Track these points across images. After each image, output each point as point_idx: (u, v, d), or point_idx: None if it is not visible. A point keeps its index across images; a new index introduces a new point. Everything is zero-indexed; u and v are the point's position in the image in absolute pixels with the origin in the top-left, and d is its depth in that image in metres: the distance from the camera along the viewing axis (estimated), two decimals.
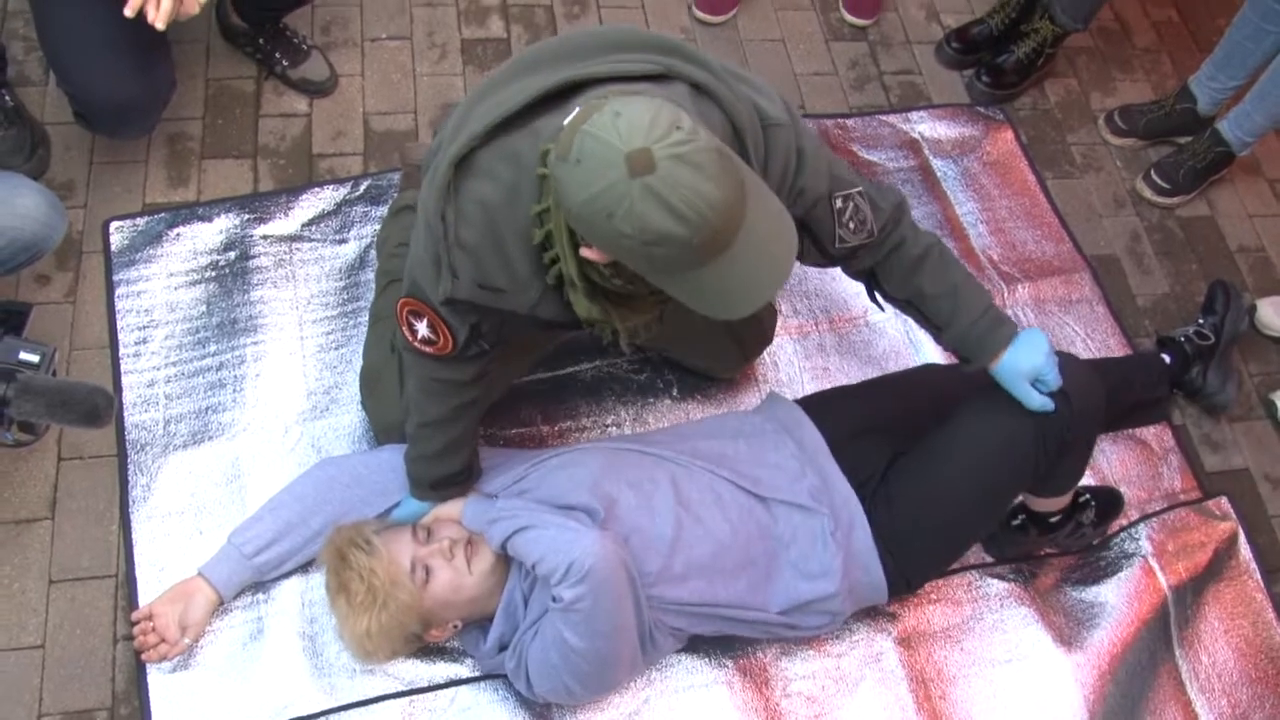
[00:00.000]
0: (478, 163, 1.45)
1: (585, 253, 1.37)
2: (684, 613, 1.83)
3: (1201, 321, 2.44)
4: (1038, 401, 1.77)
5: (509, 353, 1.82)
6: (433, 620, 1.80)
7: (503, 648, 1.82)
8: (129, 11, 1.82)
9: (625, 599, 1.71)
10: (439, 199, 1.46)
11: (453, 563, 1.78)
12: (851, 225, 1.67)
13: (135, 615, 1.86)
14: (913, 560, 1.91)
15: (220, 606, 1.90)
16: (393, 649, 1.80)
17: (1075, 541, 2.15)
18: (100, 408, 1.55)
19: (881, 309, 1.87)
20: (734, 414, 2.10)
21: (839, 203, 1.65)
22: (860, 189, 1.67)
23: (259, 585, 1.94)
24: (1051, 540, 2.12)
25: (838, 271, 1.81)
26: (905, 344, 2.38)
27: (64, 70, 2.13)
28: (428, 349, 1.65)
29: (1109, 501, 2.19)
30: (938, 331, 1.81)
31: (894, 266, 1.76)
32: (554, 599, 1.66)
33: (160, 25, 1.84)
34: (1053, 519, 2.06)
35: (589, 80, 1.43)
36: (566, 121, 1.28)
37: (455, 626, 1.84)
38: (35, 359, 1.56)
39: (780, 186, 1.55)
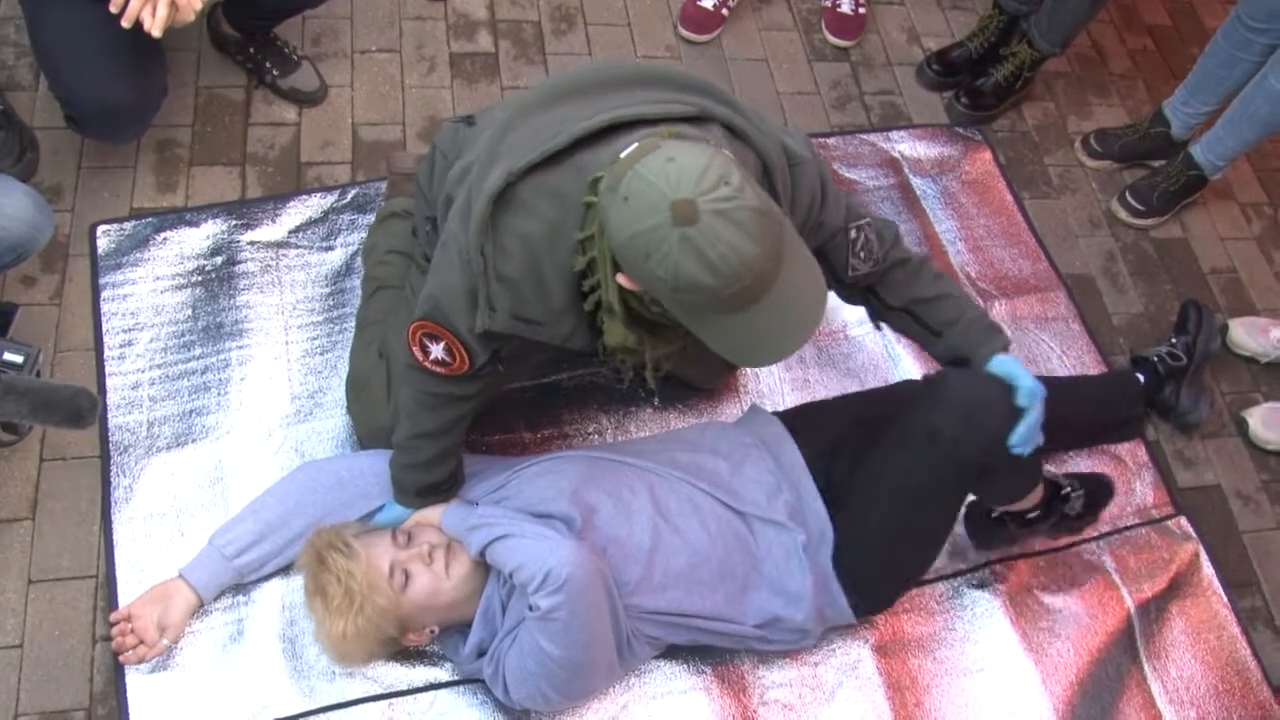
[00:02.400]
0: (518, 197, 1.46)
1: (620, 279, 1.40)
2: (661, 622, 1.84)
3: (1174, 341, 2.48)
4: (1032, 383, 1.74)
5: (516, 371, 1.82)
6: (410, 625, 1.81)
7: (481, 654, 1.83)
8: (126, 23, 1.83)
9: (602, 608, 1.72)
10: (479, 233, 1.47)
11: (431, 567, 1.79)
12: (863, 255, 1.74)
13: (114, 616, 1.85)
14: (864, 581, 1.91)
15: (200, 609, 1.90)
16: (369, 652, 1.81)
17: (1063, 532, 2.17)
18: (84, 409, 1.54)
19: (879, 329, 1.90)
20: (715, 425, 2.12)
21: (853, 234, 1.72)
22: (868, 220, 1.74)
23: (239, 587, 1.94)
24: (1034, 532, 2.12)
25: None
26: (884, 358, 2.40)
27: (55, 73, 2.14)
28: (439, 369, 1.66)
29: (1098, 489, 2.19)
30: (935, 337, 1.82)
31: (892, 280, 1.81)
32: (531, 607, 1.68)
33: (156, 33, 1.85)
34: (1029, 515, 2.06)
35: (633, 121, 1.46)
36: (624, 154, 1.32)
37: (432, 632, 1.85)
38: (19, 360, 1.56)
39: (805, 221, 1.62)
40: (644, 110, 1.46)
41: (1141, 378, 2.44)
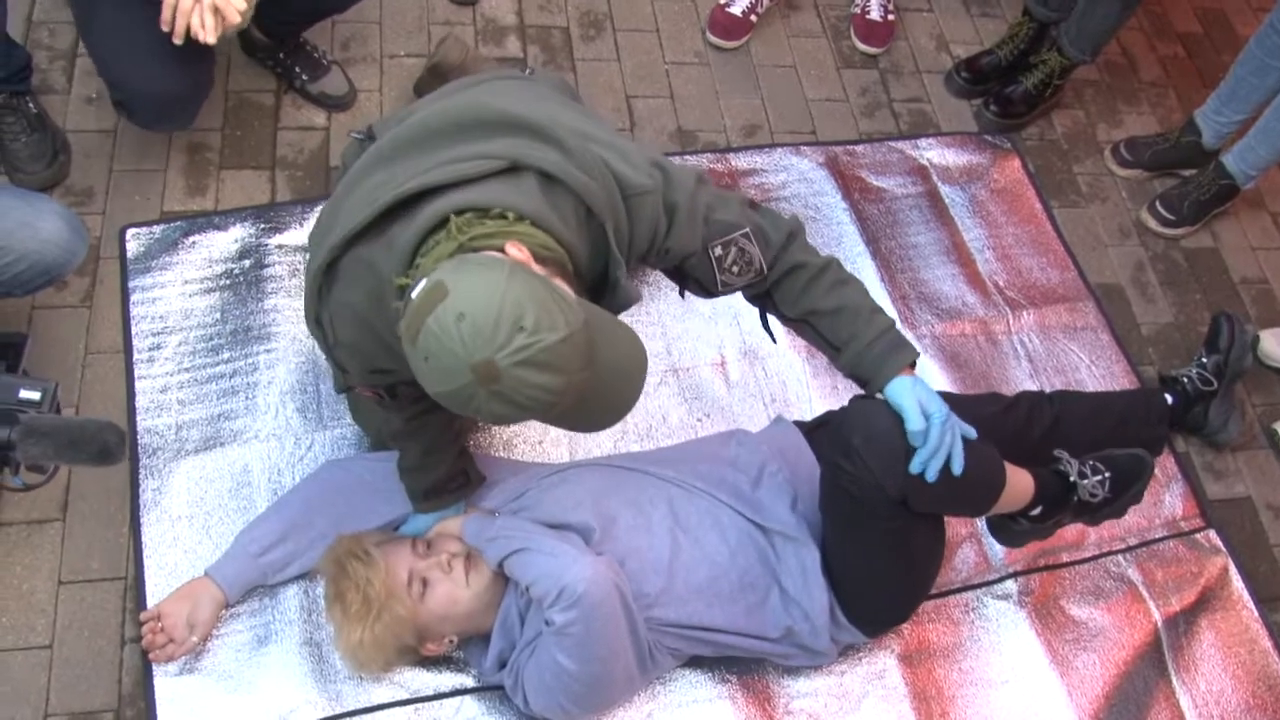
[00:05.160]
0: (340, 271, 1.48)
1: None
2: (682, 636, 1.84)
3: (1205, 361, 2.42)
4: (917, 423, 1.64)
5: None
6: (428, 634, 1.81)
7: (502, 664, 1.84)
8: (177, 39, 1.88)
9: (618, 623, 1.72)
10: (312, 304, 1.52)
11: (450, 576, 1.79)
12: (735, 269, 1.66)
13: (144, 616, 1.87)
14: (858, 606, 1.90)
15: (226, 607, 1.91)
16: (386, 660, 1.81)
17: (1098, 518, 2.00)
18: (111, 445, 1.46)
19: (774, 340, 1.86)
20: (738, 434, 2.11)
21: (718, 250, 1.64)
22: (746, 230, 1.64)
23: (265, 592, 1.95)
24: (1060, 524, 1.98)
25: None
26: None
27: (106, 65, 2.18)
28: (367, 393, 1.70)
29: (1127, 469, 2.00)
30: (835, 352, 1.74)
31: (786, 289, 1.72)
32: (547, 622, 1.68)
33: (211, 40, 1.88)
34: (1032, 513, 1.92)
35: (435, 188, 1.41)
36: (414, 294, 1.26)
37: (451, 641, 1.85)
38: (37, 396, 1.46)
39: (650, 249, 1.57)
40: (450, 174, 1.41)
41: (1170, 399, 2.40)
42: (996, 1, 3.19)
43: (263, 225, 2.37)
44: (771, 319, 1.81)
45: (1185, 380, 2.41)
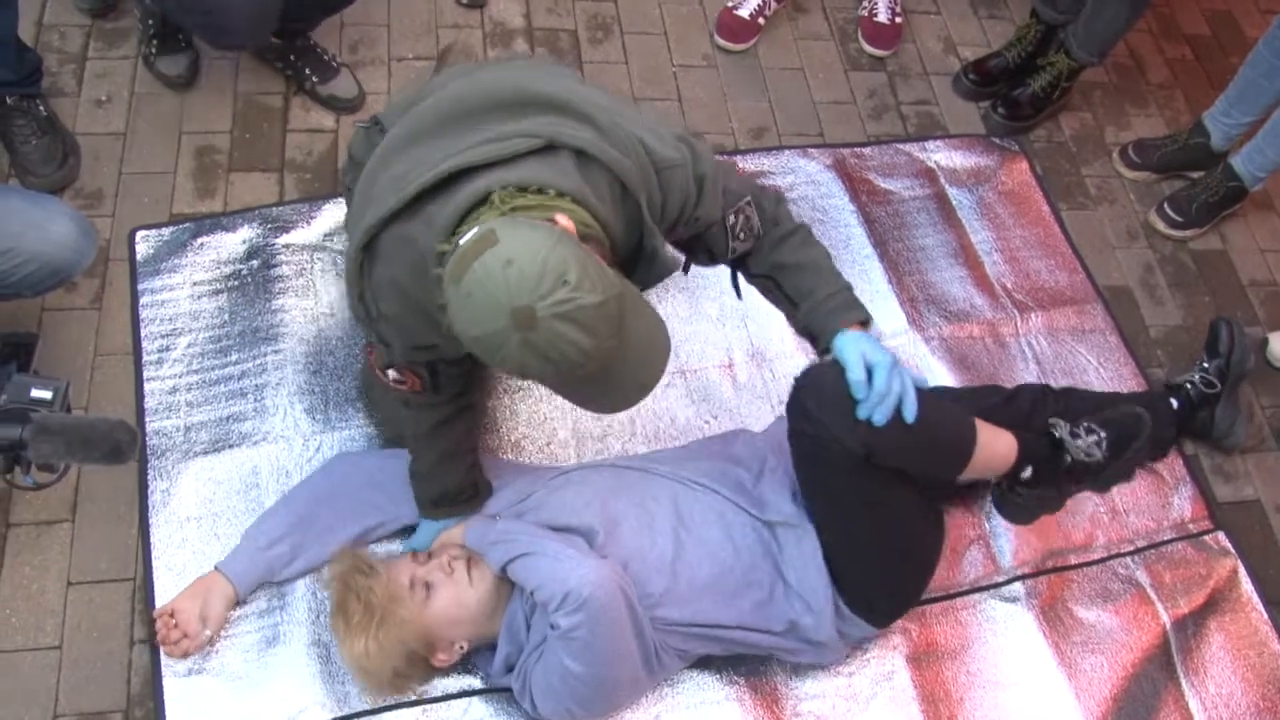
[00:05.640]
0: (380, 247, 1.51)
1: None
2: (690, 635, 1.84)
3: (1206, 366, 2.41)
4: (857, 373, 1.67)
5: (463, 376, 1.84)
6: (436, 640, 1.81)
7: (509, 668, 1.84)
8: None
9: (624, 625, 1.72)
10: (355, 282, 1.55)
11: (453, 578, 1.80)
12: (742, 235, 1.72)
13: (157, 612, 1.88)
14: (857, 591, 1.89)
15: (236, 602, 1.92)
16: (394, 670, 1.79)
17: (1104, 480, 2.01)
18: (123, 444, 1.47)
19: (739, 296, 1.87)
20: (743, 434, 2.13)
21: (732, 219, 1.70)
22: (748, 198, 1.71)
23: (273, 594, 1.96)
24: (1063, 493, 1.99)
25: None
26: (919, 369, 2.39)
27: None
28: (402, 388, 1.74)
29: (1124, 428, 2.02)
30: (793, 307, 1.77)
31: (761, 245, 1.77)
32: (552, 626, 1.68)
33: None
34: (1024, 476, 1.94)
35: (473, 167, 1.43)
36: (463, 241, 1.31)
37: (461, 648, 1.85)
38: (48, 395, 1.47)
39: (679, 219, 1.61)
40: (488, 154, 1.44)
41: (1175, 404, 2.39)
42: (1004, 4, 3.19)
43: (270, 226, 2.38)
44: (741, 281, 1.86)
45: (1188, 386, 2.40)
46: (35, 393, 1.46)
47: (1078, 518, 2.28)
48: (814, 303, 1.74)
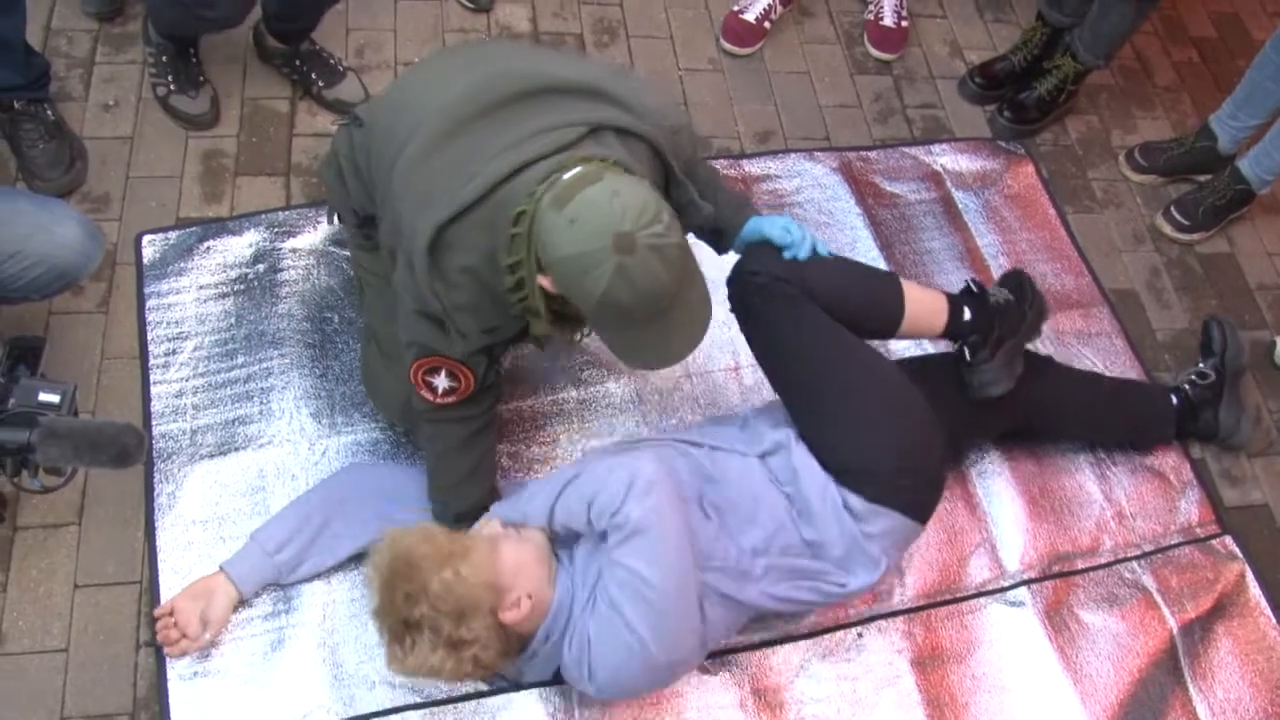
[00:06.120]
0: (448, 240, 1.61)
1: (541, 280, 1.57)
2: (724, 573, 1.79)
3: (1202, 366, 2.43)
4: (782, 236, 1.89)
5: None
6: (503, 590, 1.70)
7: (547, 639, 1.77)
8: None
9: (685, 525, 1.72)
10: (427, 280, 1.63)
11: (506, 538, 1.77)
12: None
13: (158, 611, 1.88)
14: (841, 460, 1.87)
15: (240, 604, 1.92)
16: (465, 621, 1.67)
17: (1019, 325, 2.09)
18: (130, 447, 1.47)
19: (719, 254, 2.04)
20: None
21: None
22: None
23: (280, 597, 1.96)
24: (1001, 345, 2.04)
25: None
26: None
27: None
28: (450, 399, 1.78)
29: (1018, 282, 2.15)
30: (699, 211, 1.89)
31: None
32: (614, 531, 1.66)
33: None
34: (964, 330, 2.03)
35: (537, 159, 1.59)
36: (566, 176, 1.50)
37: (526, 600, 1.71)
38: (56, 399, 1.47)
39: (687, 172, 1.81)
40: (545, 146, 1.60)
41: (1175, 400, 2.39)
42: (1010, 7, 3.19)
43: (276, 230, 2.38)
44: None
45: (1186, 387, 2.40)
46: (43, 396, 1.47)
47: (1084, 522, 2.28)
48: (719, 205, 1.92)
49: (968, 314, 2.04)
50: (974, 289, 2.08)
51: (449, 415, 1.83)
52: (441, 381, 1.76)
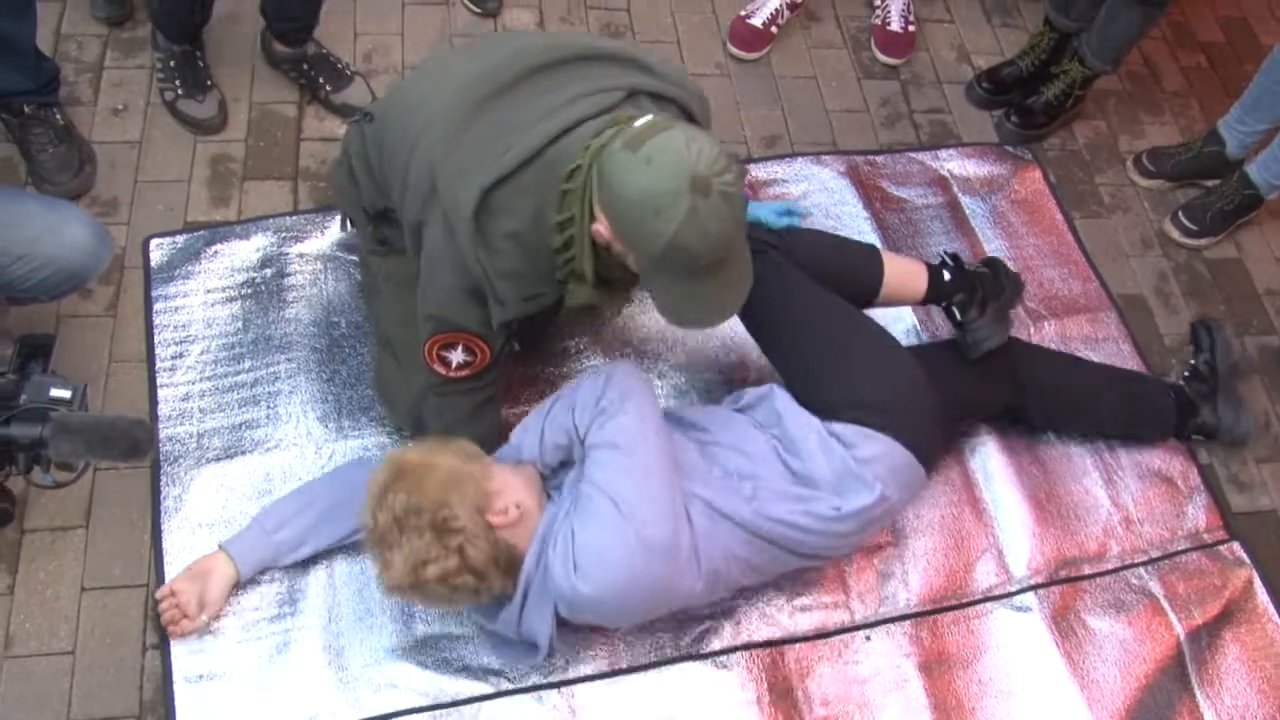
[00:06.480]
0: (494, 205, 1.63)
1: (597, 227, 1.58)
2: (706, 484, 1.80)
3: (1193, 363, 2.45)
4: (761, 212, 2.13)
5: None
6: (494, 492, 1.73)
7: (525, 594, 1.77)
8: None
9: (660, 415, 1.82)
10: (471, 244, 1.63)
11: (502, 465, 1.83)
12: None
13: (159, 593, 1.91)
14: (832, 393, 1.91)
15: (238, 586, 1.93)
16: (461, 492, 1.70)
17: (1000, 291, 2.19)
18: (141, 441, 1.49)
19: None
20: None
21: None
22: None
23: (285, 599, 1.96)
24: (986, 305, 2.13)
25: None
26: None
27: None
28: (464, 372, 1.80)
29: (990, 261, 2.28)
30: None
31: None
32: (595, 420, 1.75)
33: None
34: (945, 279, 2.15)
35: (582, 120, 1.65)
36: (638, 123, 1.53)
37: (515, 508, 1.73)
38: (67, 395, 1.49)
39: None
40: (588, 109, 1.66)
41: (1173, 396, 2.40)
42: (1017, 12, 3.19)
43: (284, 234, 2.39)
44: None
45: (1181, 383, 2.41)
46: (54, 392, 1.49)
47: (1091, 527, 2.27)
48: None
49: (947, 276, 2.15)
50: (950, 260, 2.19)
51: (459, 388, 1.86)
52: (457, 356, 1.79)
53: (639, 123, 1.53)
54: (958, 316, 2.13)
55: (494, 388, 1.92)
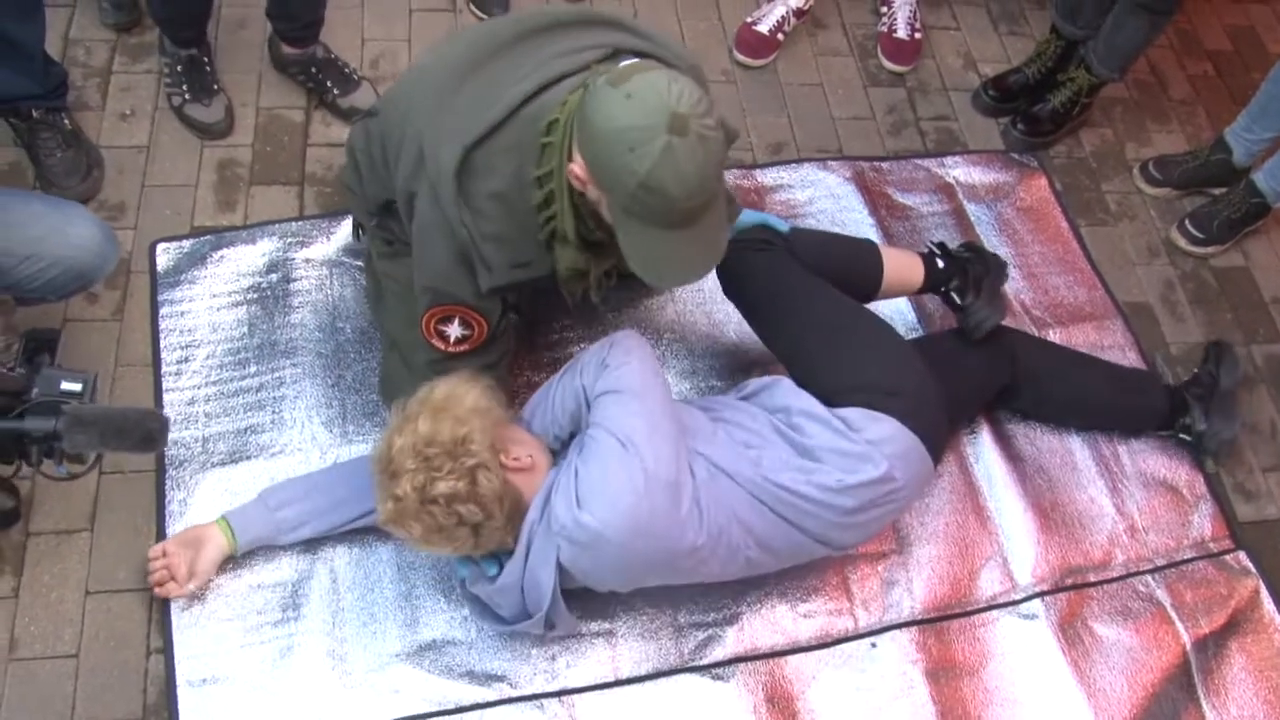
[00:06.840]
0: (476, 164, 1.63)
1: (572, 167, 1.57)
2: (710, 445, 1.81)
3: (1197, 370, 2.46)
4: (760, 218, 2.09)
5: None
6: (510, 437, 1.77)
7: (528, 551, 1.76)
8: None
9: (661, 371, 1.84)
10: (454, 207, 1.63)
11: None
12: None
13: (151, 552, 1.92)
14: (835, 378, 1.93)
15: (230, 557, 1.94)
16: (479, 423, 1.70)
17: (988, 268, 2.25)
18: (154, 431, 1.50)
19: None
20: None
21: None
22: None
23: (289, 603, 1.97)
24: (978, 286, 2.20)
25: None
26: None
27: None
28: (463, 346, 1.81)
29: (968, 243, 2.35)
30: None
31: None
32: (599, 377, 1.77)
33: None
34: (940, 267, 2.22)
35: (561, 77, 1.65)
36: (623, 64, 1.54)
37: (528, 456, 1.76)
38: (78, 388, 1.50)
39: None
40: (572, 63, 1.66)
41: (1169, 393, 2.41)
42: (1024, 19, 3.19)
43: (290, 239, 2.39)
44: None
45: (1180, 385, 2.42)
46: (65, 385, 1.50)
47: (1096, 535, 2.26)
48: None
49: (940, 264, 2.20)
50: (938, 249, 2.24)
51: (459, 365, 1.84)
52: (454, 330, 1.79)
53: (625, 62, 1.54)
54: (958, 301, 2.17)
55: (500, 369, 1.90)
